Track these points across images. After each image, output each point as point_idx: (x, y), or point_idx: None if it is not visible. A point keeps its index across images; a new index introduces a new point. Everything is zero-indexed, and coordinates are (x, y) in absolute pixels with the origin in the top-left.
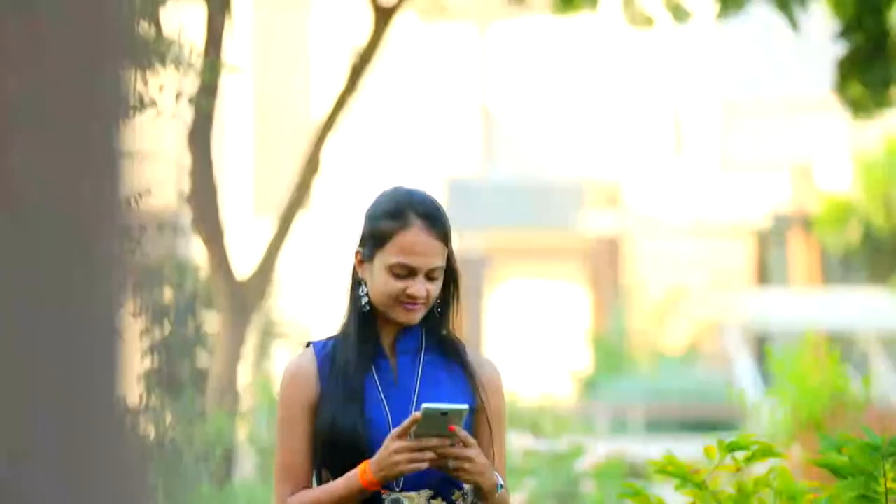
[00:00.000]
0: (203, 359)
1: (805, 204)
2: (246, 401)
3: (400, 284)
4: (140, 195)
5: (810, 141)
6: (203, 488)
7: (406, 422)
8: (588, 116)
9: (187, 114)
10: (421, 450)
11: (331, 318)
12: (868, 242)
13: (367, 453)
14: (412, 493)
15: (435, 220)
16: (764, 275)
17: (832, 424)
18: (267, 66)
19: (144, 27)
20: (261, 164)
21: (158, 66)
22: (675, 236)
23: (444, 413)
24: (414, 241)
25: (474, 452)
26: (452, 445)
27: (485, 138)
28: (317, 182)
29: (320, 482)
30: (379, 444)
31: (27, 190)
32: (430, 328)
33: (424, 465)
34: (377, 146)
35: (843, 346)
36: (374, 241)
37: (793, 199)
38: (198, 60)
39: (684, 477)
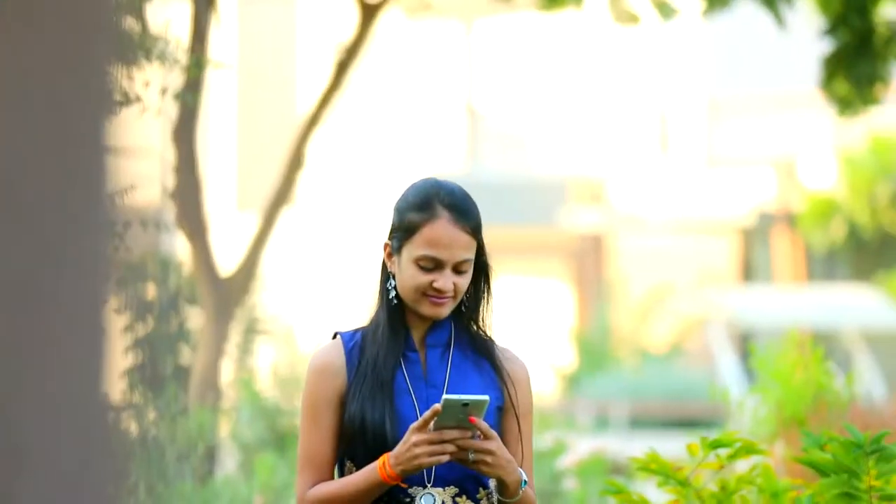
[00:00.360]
0: (186, 355)
1: (790, 201)
2: (229, 397)
3: (427, 278)
4: (125, 191)
5: (796, 138)
6: (185, 485)
7: (426, 413)
8: (573, 113)
9: (172, 110)
10: (441, 442)
11: (315, 314)
12: (852, 240)
13: (392, 447)
14: (438, 489)
15: (463, 212)
16: (748, 272)
17: (815, 422)
18: (252, 62)
19: (130, 23)
20: (245, 160)
21: (144, 62)
22: (659, 233)
23: (465, 404)
24: (441, 233)
25: (495, 445)
26: (473, 437)
27: (470, 135)
28: (301, 178)
29: (342, 473)
30: None
31: (11, 185)
32: (459, 322)
33: (445, 459)
34: (362, 142)
35: (826, 344)
36: (401, 233)
37: (777, 196)
38: (183, 56)
39: (667, 474)
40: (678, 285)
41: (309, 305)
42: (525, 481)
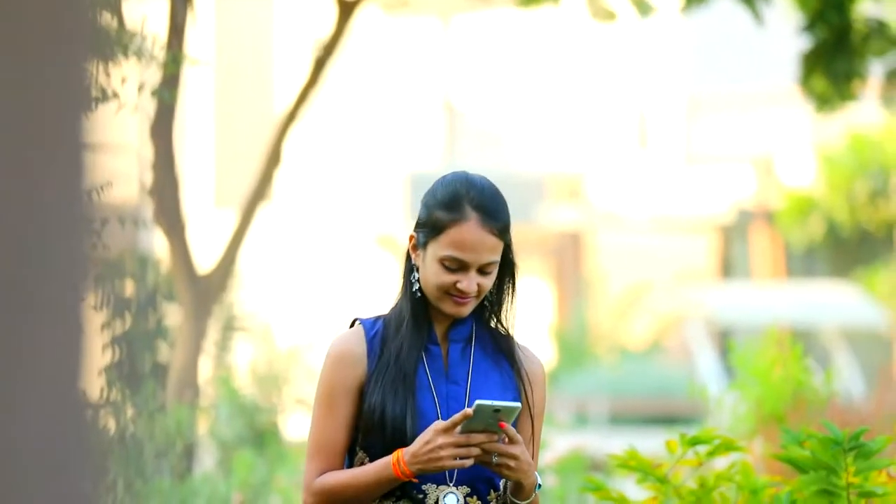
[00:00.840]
0: (164, 352)
1: (768, 198)
2: (207, 395)
3: (451, 278)
4: (102, 188)
5: (775, 135)
6: (163, 482)
7: (456, 417)
8: (551, 110)
9: (149, 106)
10: (468, 446)
11: (293, 312)
12: (831, 237)
13: (411, 442)
14: (454, 488)
15: (492, 214)
16: (727, 269)
17: (794, 419)
18: (230, 59)
19: (107, 19)
20: (223, 157)
21: (121, 58)
22: (637, 230)
23: (497, 410)
24: (467, 236)
25: (519, 450)
26: (499, 441)
27: (448, 132)
28: (279, 175)
29: (352, 461)
30: None
31: None
32: (480, 317)
33: (469, 462)
34: (340, 139)
35: (805, 341)
36: (427, 229)
37: (756, 193)
38: (160, 52)
39: (646, 471)
40: (657, 282)
41: (287, 302)
42: (540, 485)
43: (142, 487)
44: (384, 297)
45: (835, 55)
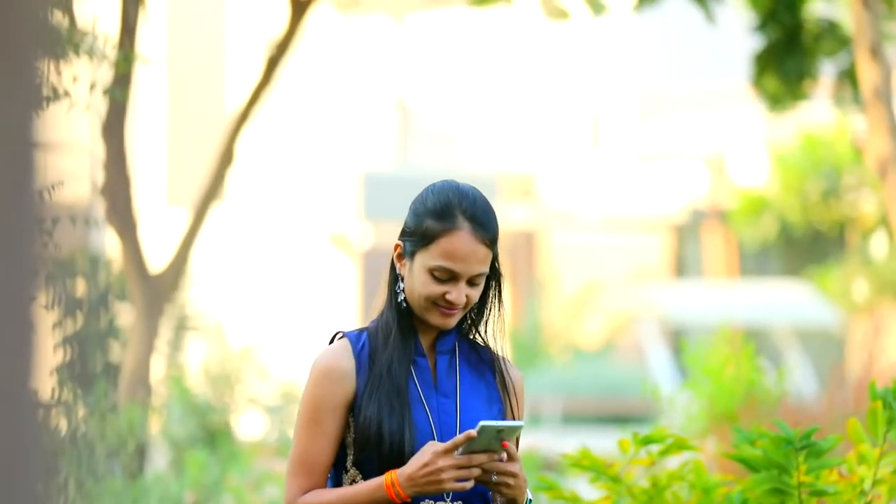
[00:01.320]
0: (116, 352)
1: (721, 198)
2: (159, 394)
3: (440, 288)
4: (53, 187)
5: (727, 135)
6: (115, 482)
7: (458, 438)
8: (504, 109)
9: (101, 105)
10: (469, 467)
11: (246, 311)
12: (783, 236)
13: (409, 458)
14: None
15: (483, 224)
16: (680, 268)
17: (746, 418)
18: (182, 57)
19: (58, 17)
20: (175, 156)
21: (72, 57)
22: (590, 229)
23: (500, 430)
24: (459, 246)
25: (518, 467)
26: (499, 460)
27: (400, 131)
28: (231, 173)
29: (338, 477)
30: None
31: None
32: (461, 329)
33: (470, 485)
34: (293, 138)
35: (758, 340)
36: (416, 238)
37: (709, 192)
38: (112, 51)
39: (599, 470)
40: (610, 282)
41: (240, 302)
42: (530, 500)
43: (93, 487)
44: (337, 297)
45: (786, 55)
